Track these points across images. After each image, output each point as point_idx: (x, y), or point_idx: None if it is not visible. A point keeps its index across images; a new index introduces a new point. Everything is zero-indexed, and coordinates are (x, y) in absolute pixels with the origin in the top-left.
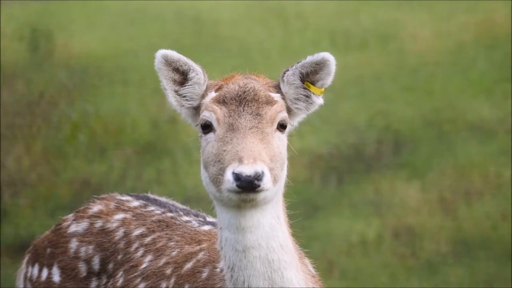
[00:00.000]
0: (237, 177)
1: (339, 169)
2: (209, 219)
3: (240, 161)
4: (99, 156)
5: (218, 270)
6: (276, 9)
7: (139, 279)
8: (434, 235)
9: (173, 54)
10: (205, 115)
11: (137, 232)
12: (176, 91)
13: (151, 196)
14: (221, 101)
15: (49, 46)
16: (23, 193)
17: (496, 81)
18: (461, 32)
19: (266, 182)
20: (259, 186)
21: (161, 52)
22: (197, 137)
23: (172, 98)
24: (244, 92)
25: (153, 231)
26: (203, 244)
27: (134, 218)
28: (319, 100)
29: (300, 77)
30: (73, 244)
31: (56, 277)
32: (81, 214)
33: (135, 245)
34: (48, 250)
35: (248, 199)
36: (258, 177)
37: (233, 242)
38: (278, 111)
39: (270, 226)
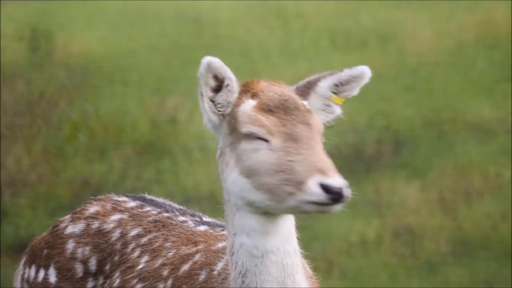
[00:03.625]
0: (328, 189)
1: (339, 169)
2: (206, 219)
3: (323, 173)
4: (99, 156)
5: (215, 273)
6: (276, 9)
7: (135, 280)
8: (434, 235)
9: (216, 61)
10: (252, 126)
11: (133, 232)
12: (210, 98)
13: (148, 196)
14: (266, 109)
15: (49, 46)
16: (23, 193)
17: (496, 81)
18: (461, 32)
19: (349, 193)
20: (347, 198)
21: (208, 60)
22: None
23: (206, 105)
24: (286, 100)
25: (150, 231)
26: (200, 246)
27: (130, 219)
28: (338, 110)
29: (331, 89)
30: (70, 245)
31: (53, 278)
32: (78, 215)
33: (131, 246)
34: (45, 251)
35: (329, 212)
36: (345, 189)
37: (250, 248)
38: (319, 121)
39: (287, 230)
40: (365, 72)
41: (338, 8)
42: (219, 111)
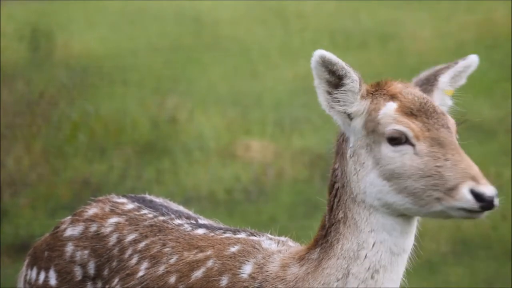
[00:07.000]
0: (479, 197)
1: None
2: (201, 221)
3: (475, 180)
4: (99, 156)
5: (244, 276)
6: (276, 9)
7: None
8: (434, 235)
9: (331, 56)
10: (399, 129)
11: (130, 237)
12: (328, 92)
13: (148, 197)
14: (409, 113)
15: (49, 46)
16: (23, 193)
17: (496, 81)
18: (461, 32)
19: (497, 201)
20: (496, 206)
21: (319, 53)
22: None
23: (322, 98)
24: (425, 103)
25: (146, 236)
26: (208, 251)
27: (127, 223)
28: (450, 102)
29: (449, 82)
30: (69, 248)
31: (53, 281)
32: (77, 217)
33: (128, 252)
34: (46, 253)
35: (476, 218)
36: (495, 198)
37: (391, 245)
38: (454, 123)
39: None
40: (475, 60)
41: (338, 8)
42: (341, 108)
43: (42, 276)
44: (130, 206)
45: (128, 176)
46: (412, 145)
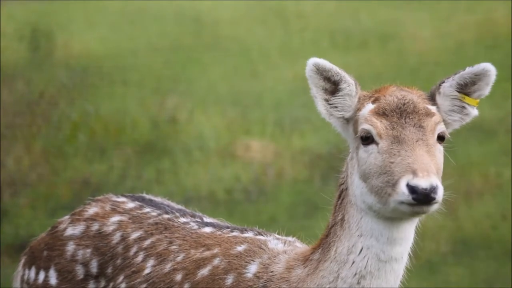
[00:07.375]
0: (413, 189)
1: (339, 168)
2: (206, 219)
3: (414, 173)
4: (99, 156)
5: (249, 275)
6: (276, 9)
7: (144, 285)
8: (434, 235)
9: (325, 63)
10: (365, 127)
11: (134, 235)
12: (326, 100)
13: (147, 196)
14: (381, 113)
15: (49, 46)
16: (23, 193)
17: (496, 81)
18: (461, 32)
19: (440, 195)
20: (434, 199)
21: (313, 61)
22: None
23: (321, 107)
24: (404, 104)
25: (151, 234)
26: (215, 250)
27: (130, 221)
28: (474, 111)
29: (456, 88)
30: (70, 247)
31: (53, 280)
32: (77, 216)
33: (133, 249)
34: (45, 253)
35: (421, 212)
36: (433, 190)
37: (378, 251)
38: (437, 123)
39: (412, 239)
40: (487, 69)
41: (338, 8)
42: (339, 114)
43: (41, 276)
44: (131, 205)
45: (128, 176)
46: (377, 143)
